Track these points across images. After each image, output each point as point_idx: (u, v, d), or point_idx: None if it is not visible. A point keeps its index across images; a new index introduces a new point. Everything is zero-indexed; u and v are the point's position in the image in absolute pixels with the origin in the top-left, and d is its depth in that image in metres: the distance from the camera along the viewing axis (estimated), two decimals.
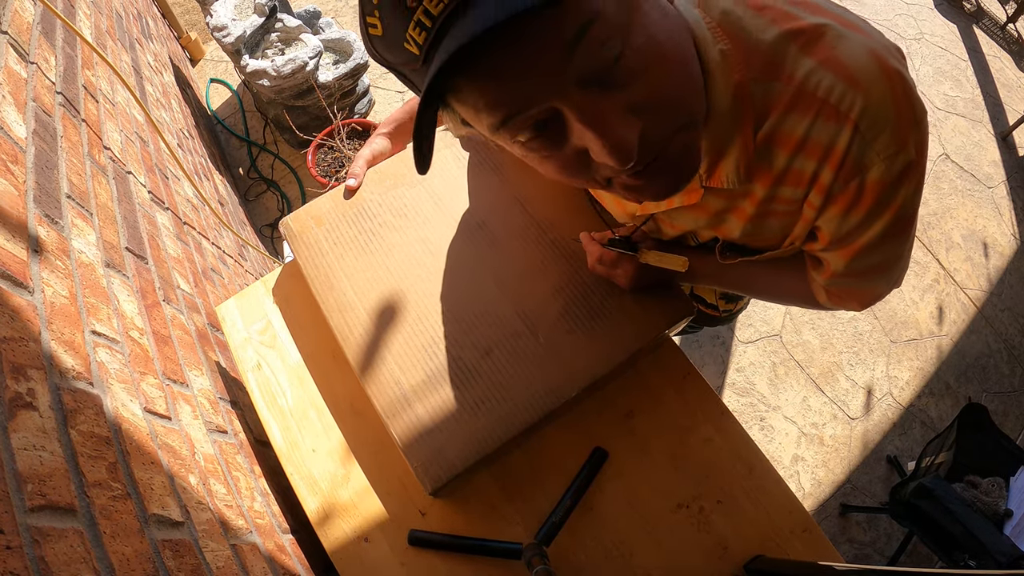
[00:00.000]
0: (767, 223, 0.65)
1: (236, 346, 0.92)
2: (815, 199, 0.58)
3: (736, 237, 0.69)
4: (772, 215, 0.64)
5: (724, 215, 0.67)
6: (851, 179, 0.55)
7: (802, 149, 0.55)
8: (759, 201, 0.62)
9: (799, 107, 0.53)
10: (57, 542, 0.47)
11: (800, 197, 0.60)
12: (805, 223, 0.63)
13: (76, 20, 1.17)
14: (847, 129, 0.51)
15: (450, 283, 0.86)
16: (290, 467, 0.84)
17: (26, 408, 0.52)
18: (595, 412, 0.86)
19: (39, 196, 0.71)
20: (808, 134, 0.53)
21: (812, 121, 0.53)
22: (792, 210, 0.62)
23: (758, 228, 0.67)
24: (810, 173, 0.56)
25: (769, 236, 0.68)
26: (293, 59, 2.06)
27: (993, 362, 2.29)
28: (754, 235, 0.68)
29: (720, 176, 0.60)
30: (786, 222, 0.64)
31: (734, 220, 0.67)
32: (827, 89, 0.51)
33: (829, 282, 0.70)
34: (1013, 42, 3.29)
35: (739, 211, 0.65)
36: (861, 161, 0.53)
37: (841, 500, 1.97)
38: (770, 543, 0.79)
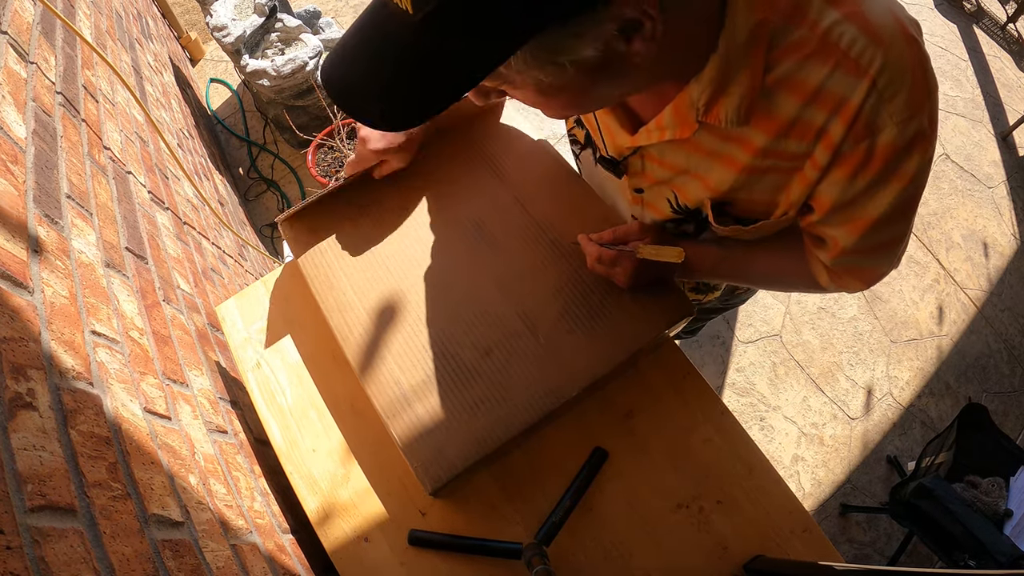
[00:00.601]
0: (762, 179, 0.64)
1: (236, 346, 0.92)
2: (821, 156, 0.58)
3: (725, 191, 0.67)
4: (769, 170, 0.62)
5: (716, 158, 0.65)
6: (861, 139, 0.54)
7: (815, 99, 0.54)
8: (757, 150, 0.60)
9: (819, 56, 0.52)
10: (57, 542, 0.47)
11: (804, 152, 0.58)
12: (804, 184, 0.62)
13: (76, 20, 1.17)
14: (864, 83, 0.51)
15: (450, 283, 0.86)
16: (290, 467, 0.84)
17: (26, 408, 0.52)
18: (595, 412, 0.86)
19: (39, 196, 0.71)
20: (824, 84, 0.53)
21: (831, 72, 0.52)
22: (792, 167, 0.61)
23: (751, 183, 0.65)
24: (819, 125, 0.55)
25: (761, 195, 0.66)
26: (293, 59, 2.06)
27: (993, 362, 2.29)
28: (746, 190, 0.66)
29: (718, 113, 0.58)
30: (782, 180, 0.63)
31: (725, 169, 0.65)
32: (849, 41, 0.51)
33: (836, 261, 0.69)
34: (1013, 42, 3.29)
35: (731, 159, 0.63)
36: (874, 121, 0.53)
37: (841, 500, 1.97)
38: (770, 543, 0.79)
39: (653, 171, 0.74)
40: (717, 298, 1.12)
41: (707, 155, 0.65)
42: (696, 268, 0.82)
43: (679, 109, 0.60)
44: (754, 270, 0.81)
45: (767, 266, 0.81)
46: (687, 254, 0.81)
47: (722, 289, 1.09)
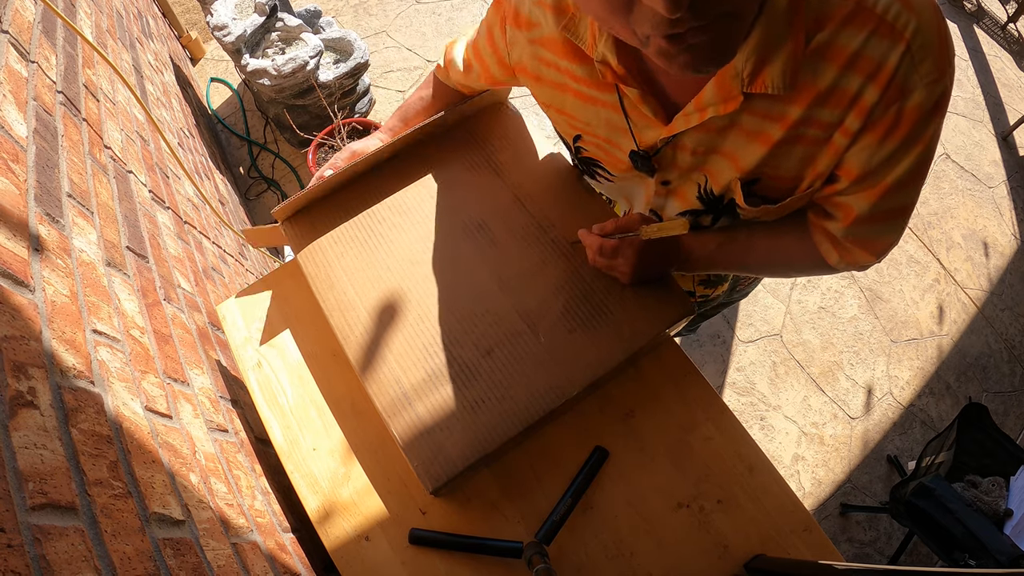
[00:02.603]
0: (792, 151, 0.64)
1: (237, 345, 0.92)
2: (853, 122, 0.59)
3: (751, 167, 0.67)
4: (800, 141, 0.63)
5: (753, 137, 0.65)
6: (892, 103, 0.56)
7: (852, 65, 0.55)
8: (792, 123, 0.61)
9: (856, 21, 0.54)
10: (58, 540, 0.47)
11: (836, 121, 0.59)
12: (833, 153, 0.62)
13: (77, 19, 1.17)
14: (900, 46, 0.53)
15: (451, 282, 0.86)
16: (291, 466, 0.84)
17: (27, 407, 0.52)
18: (596, 411, 0.86)
19: (40, 195, 0.71)
20: (861, 49, 0.54)
21: (867, 37, 0.54)
22: (823, 137, 0.62)
23: (780, 157, 0.65)
24: (854, 91, 0.57)
25: (788, 170, 0.66)
26: (293, 58, 2.06)
27: (993, 362, 2.29)
28: (773, 166, 0.66)
29: (765, 80, 0.58)
30: (811, 151, 0.64)
31: (759, 145, 0.65)
32: (885, 6, 0.52)
33: (848, 230, 0.69)
34: (1014, 42, 3.29)
35: (767, 135, 0.64)
36: (906, 83, 0.55)
37: (841, 499, 1.97)
38: (770, 542, 0.79)
39: (684, 161, 0.73)
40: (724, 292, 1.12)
41: (744, 135, 0.65)
42: (696, 257, 0.82)
43: (722, 81, 0.60)
44: (756, 255, 0.81)
45: (769, 249, 0.80)
46: (687, 243, 0.81)
47: (729, 280, 1.08)
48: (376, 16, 2.93)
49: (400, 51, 2.81)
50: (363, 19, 2.93)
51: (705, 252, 0.81)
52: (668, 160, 0.74)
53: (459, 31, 2.86)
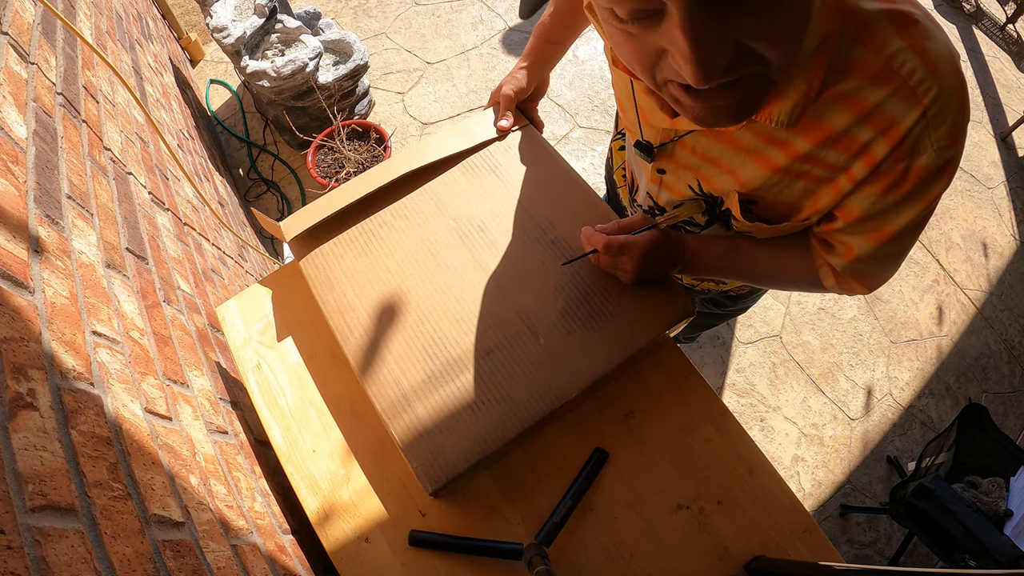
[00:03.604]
0: (794, 183, 0.65)
1: (236, 347, 0.92)
2: (859, 170, 0.60)
3: (754, 188, 0.68)
4: (804, 176, 0.64)
5: (753, 156, 0.66)
6: (901, 160, 0.57)
7: (868, 118, 0.56)
8: (797, 155, 0.62)
9: (880, 79, 0.55)
10: (58, 542, 0.47)
11: (842, 164, 0.61)
12: (835, 194, 0.64)
13: (76, 21, 1.17)
14: (917, 111, 0.54)
15: (450, 284, 0.86)
16: (290, 467, 0.84)
17: (27, 408, 0.52)
18: (595, 413, 0.86)
19: (40, 196, 0.71)
20: (880, 105, 0.55)
21: (889, 95, 0.55)
22: (827, 177, 0.63)
23: (781, 185, 0.66)
24: (864, 142, 0.58)
25: (788, 198, 0.68)
26: (293, 60, 2.06)
27: (993, 362, 2.29)
28: (774, 192, 0.68)
29: (770, 112, 0.59)
30: (813, 188, 0.65)
31: (760, 167, 0.66)
32: (910, 70, 0.54)
33: (848, 266, 0.71)
34: (1012, 43, 3.29)
35: (768, 159, 0.65)
36: (918, 145, 0.56)
37: (841, 501, 1.97)
38: (771, 543, 0.79)
39: (683, 157, 0.75)
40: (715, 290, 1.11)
41: (744, 152, 0.66)
42: (701, 261, 0.82)
43: None
44: (758, 266, 0.82)
45: (771, 263, 0.81)
46: (692, 246, 0.81)
47: None
48: (375, 18, 2.94)
49: (400, 53, 2.81)
50: (362, 21, 2.93)
51: (709, 257, 0.82)
52: (668, 152, 0.76)
53: (458, 33, 2.86)
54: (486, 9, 2.96)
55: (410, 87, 2.70)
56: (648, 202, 0.90)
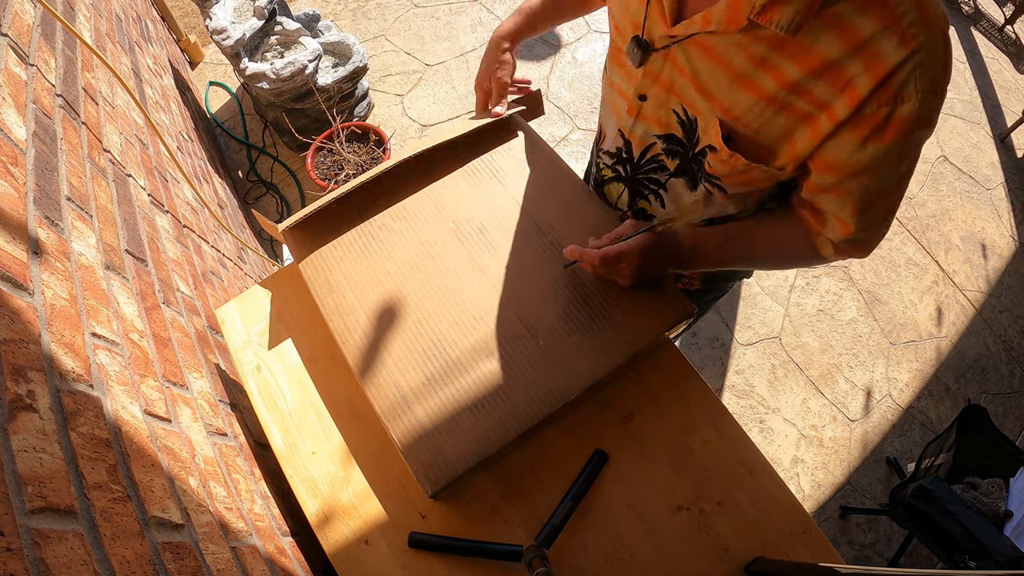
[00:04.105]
0: (776, 117, 0.66)
1: (236, 349, 0.92)
2: (841, 108, 0.61)
3: (736, 116, 0.69)
4: (788, 109, 0.65)
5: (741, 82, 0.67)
6: (885, 105, 0.59)
7: (858, 52, 0.58)
8: (786, 83, 0.63)
9: (876, 10, 0.56)
10: (57, 544, 0.47)
11: (826, 99, 0.62)
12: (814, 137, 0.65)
13: (76, 23, 1.17)
14: (904, 51, 0.56)
15: (450, 286, 0.86)
16: (290, 469, 0.84)
17: (26, 410, 0.52)
18: (595, 414, 0.86)
19: (39, 198, 0.71)
20: (871, 39, 0.57)
21: (880, 30, 0.56)
22: (808, 113, 0.64)
23: (765, 117, 0.67)
24: (849, 76, 0.59)
25: (767, 137, 0.69)
26: (292, 62, 2.06)
27: (992, 363, 2.29)
28: (756, 124, 0.68)
29: (774, 15, 0.60)
30: (792, 127, 0.66)
31: (747, 93, 0.67)
32: (904, 10, 0.56)
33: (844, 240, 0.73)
34: (1011, 44, 3.30)
35: (757, 85, 0.66)
36: (903, 91, 0.58)
37: (841, 502, 1.97)
38: (770, 545, 0.79)
39: (671, 76, 0.75)
40: None
41: (733, 75, 0.67)
42: (700, 253, 0.82)
43: (735, 4, 0.62)
44: (757, 248, 0.82)
45: (769, 242, 0.82)
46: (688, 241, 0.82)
47: None
48: (374, 20, 2.94)
49: (399, 55, 2.81)
50: (361, 23, 2.93)
51: (708, 247, 0.82)
52: (655, 69, 0.76)
53: (457, 35, 2.87)
54: (485, 11, 2.96)
55: (409, 89, 2.70)
56: (618, 142, 0.90)
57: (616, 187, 0.97)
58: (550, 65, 2.78)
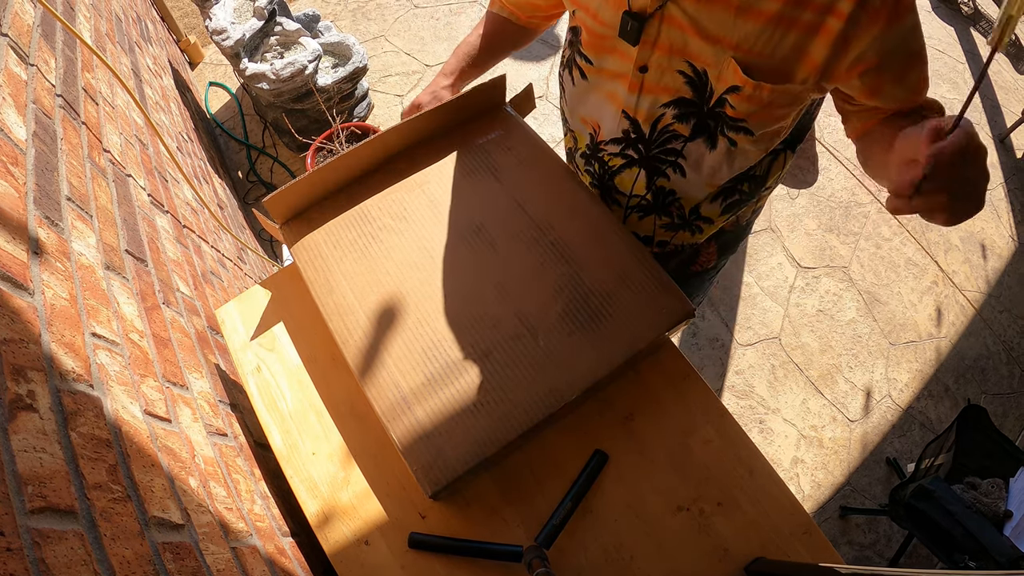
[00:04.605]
0: (786, 36, 0.67)
1: (235, 349, 0.92)
2: (844, 5, 0.63)
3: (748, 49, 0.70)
4: (795, 25, 0.66)
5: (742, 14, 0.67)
6: None
7: None
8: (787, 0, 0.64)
9: None
10: (57, 544, 0.47)
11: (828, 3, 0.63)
12: (827, 41, 0.66)
13: (76, 23, 1.17)
14: None
15: (449, 286, 0.86)
16: (290, 470, 0.84)
17: (26, 410, 0.52)
18: (595, 414, 0.86)
19: (39, 198, 0.71)
20: None
21: None
22: (815, 21, 0.65)
23: (775, 39, 0.68)
24: None
25: (780, 56, 0.69)
26: (292, 62, 2.06)
27: (992, 363, 2.29)
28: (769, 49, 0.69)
29: None
30: (803, 41, 0.67)
31: (751, 22, 0.67)
32: None
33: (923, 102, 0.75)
34: (1010, 44, 3.30)
35: (758, 11, 0.66)
36: None
37: (841, 502, 1.97)
38: (771, 545, 0.79)
39: (671, 37, 0.75)
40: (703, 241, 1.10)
41: (734, 10, 0.67)
42: None
43: None
44: None
45: None
46: None
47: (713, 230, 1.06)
48: (374, 20, 2.94)
49: (398, 55, 2.81)
50: (361, 23, 2.93)
51: None
52: (652, 35, 0.76)
53: (457, 35, 2.87)
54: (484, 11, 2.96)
55: (409, 89, 2.70)
56: (623, 125, 0.90)
57: (630, 173, 0.96)
58: (550, 66, 2.78)
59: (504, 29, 1.02)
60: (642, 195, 0.98)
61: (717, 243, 1.12)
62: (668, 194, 0.95)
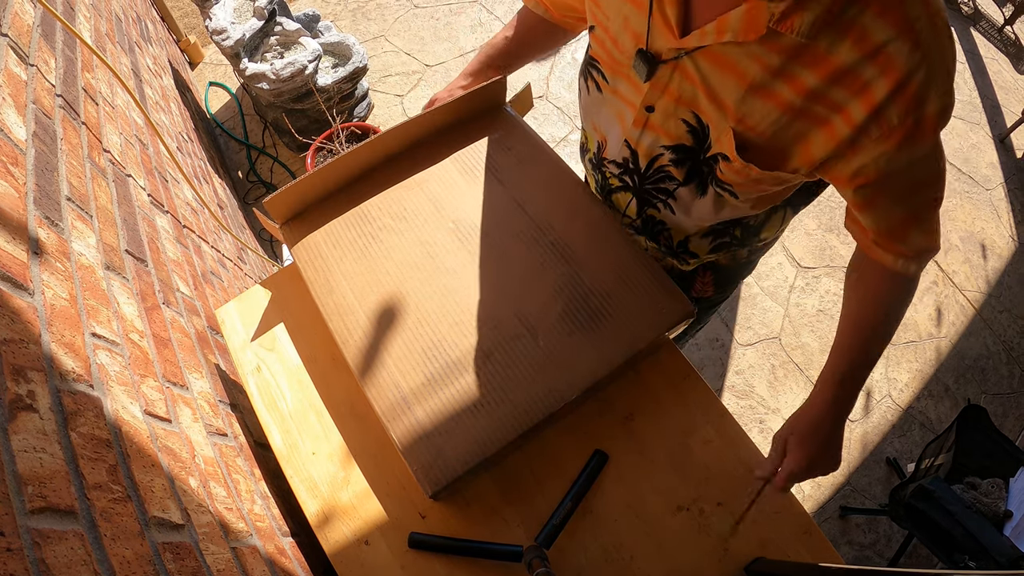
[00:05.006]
0: (793, 123, 0.66)
1: (235, 349, 0.92)
2: (857, 111, 0.61)
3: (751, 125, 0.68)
4: (804, 115, 0.65)
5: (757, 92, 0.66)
6: (909, 112, 0.59)
7: (874, 57, 0.58)
8: (804, 91, 0.63)
9: (890, 17, 0.56)
10: (57, 544, 0.47)
11: (841, 102, 0.62)
12: (830, 140, 0.64)
13: (76, 23, 1.17)
14: (918, 56, 0.57)
15: (450, 286, 0.86)
16: (290, 470, 0.84)
17: (26, 410, 0.52)
18: (595, 414, 0.86)
19: (39, 198, 0.71)
20: (885, 45, 0.57)
21: (895, 36, 0.56)
22: (824, 116, 0.63)
23: (780, 124, 0.67)
24: (865, 80, 0.59)
25: (781, 142, 0.68)
26: (292, 62, 2.06)
27: (992, 363, 2.29)
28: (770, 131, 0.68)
29: (793, 23, 0.59)
30: (807, 130, 0.66)
31: (764, 102, 0.66)
32: (916, 16, 0.56)
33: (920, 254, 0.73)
34: (1011, 44, 3.30)
35: (774, 94, 0.65)
36: (923, 93, 0.58)
37: (841, 502, 1.97)
38: (770, 545, 0.79)
39: (681, 87, 0.73)
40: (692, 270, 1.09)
41: (747, 86, 0.66)
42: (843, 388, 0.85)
43: (753, 12, 0.60)
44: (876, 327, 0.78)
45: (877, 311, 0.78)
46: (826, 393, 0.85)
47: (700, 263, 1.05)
48: (374, 20, 2.94)
49: (398, 55, 2.81)
50: (361, 23, 2.93)
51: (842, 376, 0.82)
52: (664, 80, 0.74)
53: (457, 35, 2.87)
54: (485, 12, 2.96)
55: (409, 89, 2.70)
56: (624, 152, 0.88)
57: (624, 196, 0.96)
58: (550, 65, 2.78)
59: (536, 27, 1.00)
60: (633, 218, 0.98)
61: (714, 276, 1.10)
62: (658, 223, 0.95)
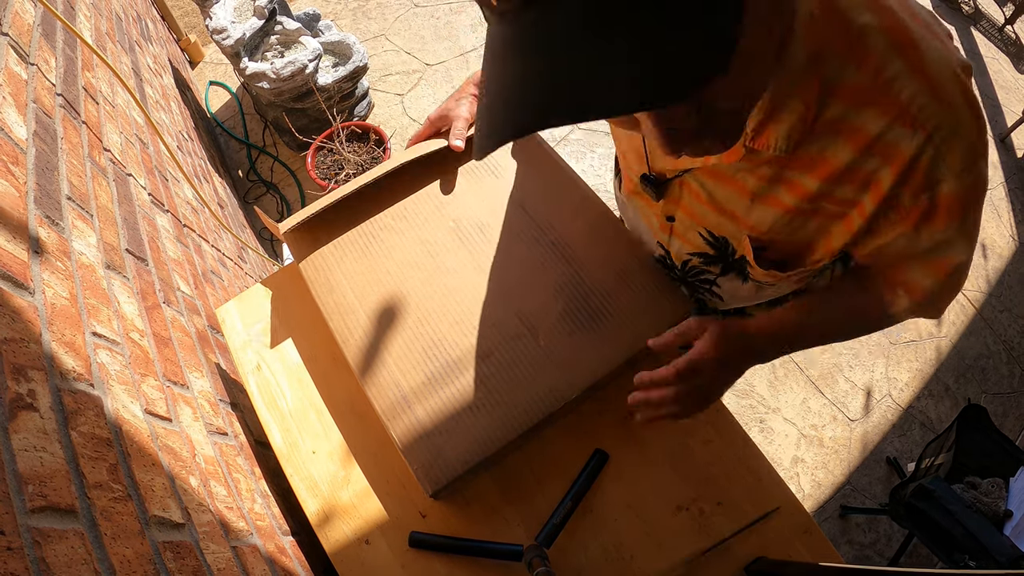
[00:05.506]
0: (808, 222, 0.64)
1: (236, 348, 0.92)
2: (869, 203, 0.58)
3: (764, 232, 0.67)
4: (817, 214, 0.62)
5: (760, 200, 0.64)
6: (921, 192, 0.55)
7: (872, 149, 0.54)
8: (808, 195, 0.60)
9: (879, 106, 0.52)
10: (58, 543, 0.47)
11: (852, 198, 0.59)
12: (847, 232, 0.62)
13: (76, 22, 1.17)
14: (920, 137, 0.52)
15: (450, 285, 0.86)
16: (290, 469, 0.84)
17: (27, 409, 0.52)
18: (595, 414, 0.85)
19: (40, 197, 0.71)
20: (881, 135, 0.53)
21: (890, 123, 0.52)
22: (839, 212, 0.61)
23: (795, 225, 0.65)
24: (869, 171, 0.56)
25: (801, 238, 0.66)
26: (292, 62, 2.06)
27: (992, 363, 2.29)
28: (787, 232, 0.66)
29: (768, 139, 0.56)
30: (826, 225, 0.63)
31: (769, 209, 0.64)
32: (910, 95, 0.51)
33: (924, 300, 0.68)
34: (1011, 44, 3.30)
35: (776, 200, 0.63)
36: (934, 174, 0.53)
37: (841, 501, 1.97)
38: (771, 545, 0.79)
39: (690, 203, 0.73)
40: None
41: (749, 196, 0.65)
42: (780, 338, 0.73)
43: None
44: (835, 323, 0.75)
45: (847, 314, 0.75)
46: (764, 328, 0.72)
47: None
48: (375, 20, 2.94)
49: (399, 54, 2.81)
50: (362, 22, 2.93)
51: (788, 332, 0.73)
52: (675, 195, 0.75)
53: (458, 35, 2.87)
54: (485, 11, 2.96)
55: (409, 89, 2.70)
56: (658, 251, 0.89)
57: None
58: None
59: None
60: None
61: None
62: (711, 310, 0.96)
